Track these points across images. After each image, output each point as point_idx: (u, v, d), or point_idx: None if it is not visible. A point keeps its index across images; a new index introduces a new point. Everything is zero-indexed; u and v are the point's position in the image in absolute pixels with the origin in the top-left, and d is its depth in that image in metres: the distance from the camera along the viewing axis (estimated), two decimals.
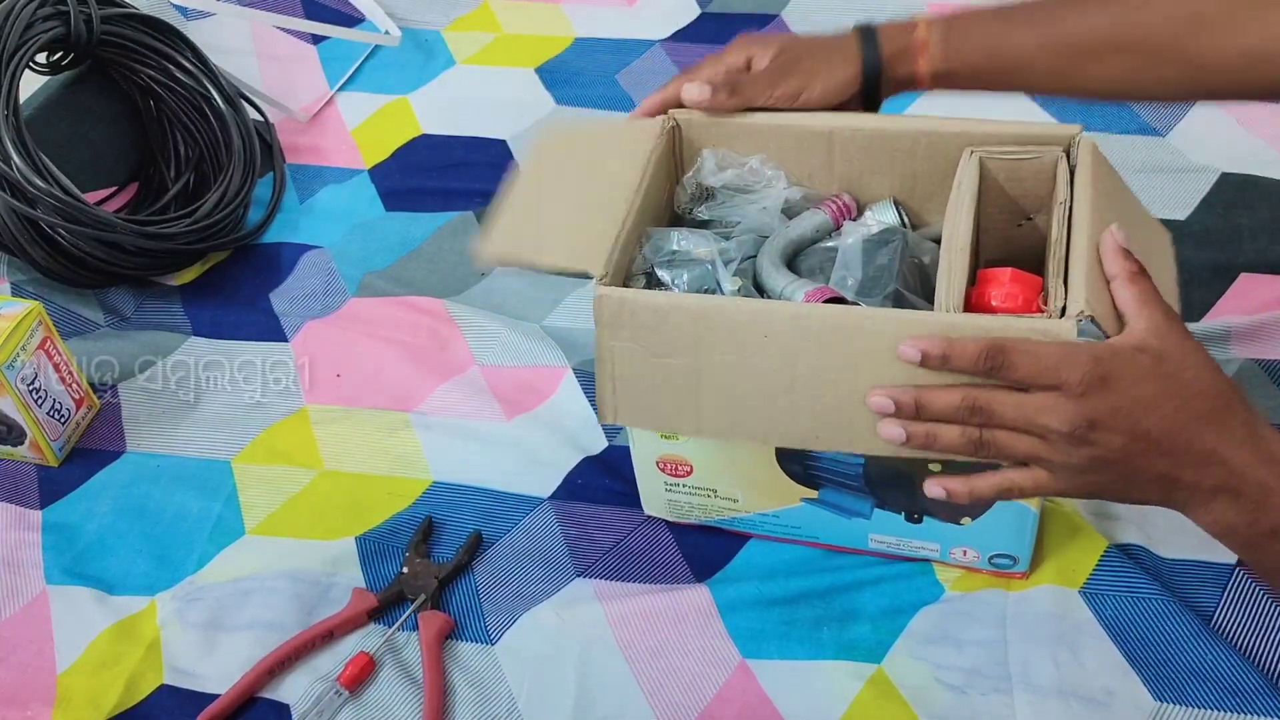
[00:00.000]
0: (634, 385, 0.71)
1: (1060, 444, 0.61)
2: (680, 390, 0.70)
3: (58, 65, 1.10)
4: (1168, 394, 0.61)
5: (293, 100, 1.30)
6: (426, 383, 0.97)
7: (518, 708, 0.75)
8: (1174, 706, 0.70)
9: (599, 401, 0.72)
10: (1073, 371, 0.60)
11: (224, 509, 0.90)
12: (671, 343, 0.69)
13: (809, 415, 0.68)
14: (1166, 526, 0.79)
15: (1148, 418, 0.60)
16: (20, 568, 0.87)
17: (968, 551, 0.77)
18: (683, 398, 0.70)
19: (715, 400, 0.69)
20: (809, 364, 0.67)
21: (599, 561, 0.83)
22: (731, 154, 0.83)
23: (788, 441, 0.69)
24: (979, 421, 0.63)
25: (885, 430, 0.65)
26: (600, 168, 0.79)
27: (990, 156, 0.77)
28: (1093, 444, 0.61)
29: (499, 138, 1.23)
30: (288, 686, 0.78)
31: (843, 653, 0.76)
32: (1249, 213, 1.02)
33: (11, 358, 0.87)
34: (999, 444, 0.63)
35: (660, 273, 0.76)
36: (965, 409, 0.63)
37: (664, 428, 0.72)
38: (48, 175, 0.98)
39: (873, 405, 0.65)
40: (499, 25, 1.40)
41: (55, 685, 0.79)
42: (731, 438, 0.71)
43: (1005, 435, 0.63)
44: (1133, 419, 0.60)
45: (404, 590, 0.82)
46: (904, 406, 0.64)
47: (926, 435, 0.65)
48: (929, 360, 0.63)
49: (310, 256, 1.11)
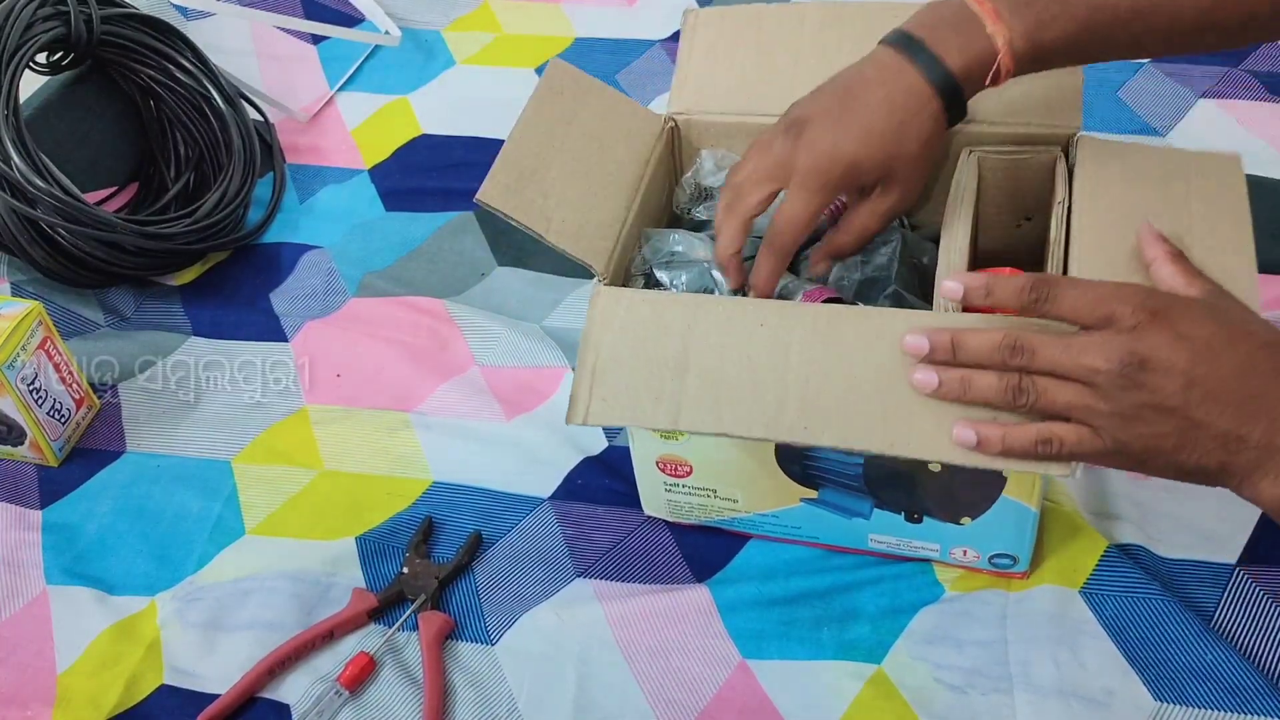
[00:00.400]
0: (614, 377, 0.70)
1: (1109, 388, 0.56)
2: (663, 381, 0.69)
3: (58, 65, 1.10)
4: (1231, 340, 0.55)
5: (293, 100, 1.30)
6: (426, 383, 0.97)
7: (518, 708, 0.75)
8: (1174, 706, 0.70)
9: (572, 399, 0.70)
10: (1124, 305, 0.55)
11: (224, 509, 0.90)
12: (663, 330, 0.69)
13: (798, 406, 0.66)
14: (1167, 526, 0.79)
15: (1209, 362, 0.54)
16: (20, 568, 0.87)
17: (968, 551, 0.77)
18: (664, 389, 0.68)
19: (699, 391, 0.68)
20: (802, 355, 0.66)
21: (599, 561, 0.83)
22: (730, 154, 0.83)
23: (773, 434, 0.66)
24: (1019, 364, 0.58)
25: (919, 376, 0.61)
26: (608, 154, 0.78)
27: (989, 156, 0.77)
28: (1144, 386, 0.55)
29: (499, 138, 1.21)
30: (288, 686, 0.78)
31: (843, 653, 0.76)
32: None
33: (11, 358, 0.88)
34: (1040, 390, 0.58)
35: (659, 273, 0.77)
36: (1006, 348, 0.58)
37: (639, 422, 0.69)
38: (48, 175, 0.99)
39: (907, 346, 0.61)
40: (499, 25, 1.40)
41: (55, 685, 0.79)
42: (713, 430, 0.68)
43: (1047, 382, 0.58)
44: (1192, 360, 0.54)
45: (404, 590, 0.82)
46: (939, 347, 0.60)
47: (961, 381, 0.60)
48: (972, 294, 0.59)
49: (310, 256, 1.11)
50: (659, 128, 0.82)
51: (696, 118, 0.82)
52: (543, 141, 0.75)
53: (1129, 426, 0.57)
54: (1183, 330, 0.55)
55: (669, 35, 1.34)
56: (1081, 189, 0.71)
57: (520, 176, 0.73)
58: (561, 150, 0.75)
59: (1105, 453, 0.59)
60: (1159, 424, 0.56)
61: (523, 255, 1.08)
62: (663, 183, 0.84)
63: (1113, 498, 0.81)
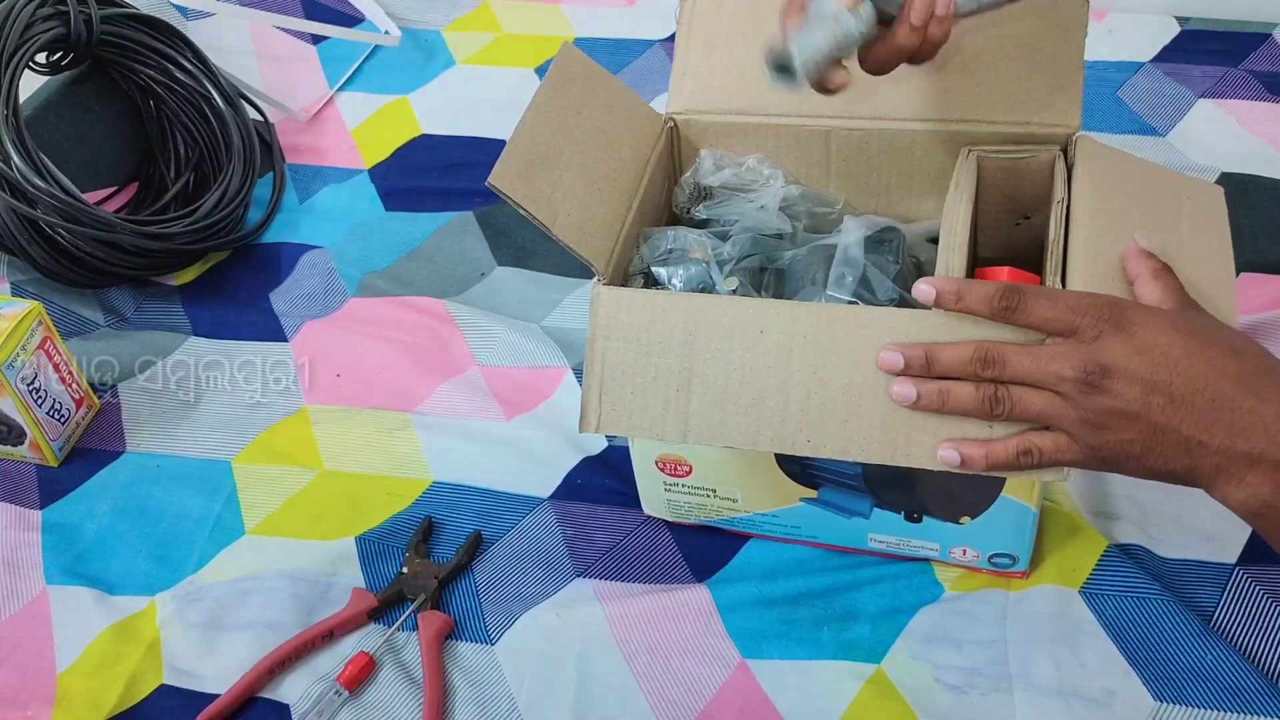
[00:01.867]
0: (622, 387, 0.70)
1: (1075, 395, 0.58)
2: (669, 392, 0.69)
3: (58, 65, 1.10)
4: (1193, 348, 0.57)
5: (293, 100, 1.30)
6: (426, 383, 0.97)
7: (518, 708, 0.75)
8: (1174, 706, 0.70)
9: (583, 408, 0.70)
10: (1087, 314, 0.58)
11: (224, 509, 0.90)
12: (665, 340, 0.69)
13: (800, 417, 0.67)
14: (1167, 526, 0.79)
15: (1168, 369, 0.57)
16: (20, 568, 0.87)
17: (967, 551, 0.77)
18: (671, 401, 0.69)
19: (705, 403, 0.68)
20: (803, 361, 0.67)
21: (599, 561, 0.83)
22: (729, 153, 0.83)
23: (777, 446, 0.67)
24: (992, 375, 0.60)
25: (897, 390, 0.63)
26: (613, 150, 0.77)
27: (988, 155, 0.77)
28: (1108, 393, 0.57)
29: (499, 138, 1.23)
30: (288, 686, 0.78)
31: (842, 653, 0.76)
32: (1249, 212, 1.02)
33: (11, 358, 0.88)
34: (1014, 400, 0.60)
35: (657, 271, 0.77)
36: (978, 360, 0.60)
37: (650, 434, 0.70)
38: (48, 175, 0.99)
39: (882, 362, 0.63)
40: (499, 25, 1.40)
41: (55, 685, 0.79)
42: (719, 443, 0.69)
43: (1021, 391, 0.60)
44: (1151, 367, 0.57)
45: (404, 590, 0.82)
46: (913, 361, 0.62)
47: (939, 393, 0.62)
48: (943, 297, 0.61)
49: (310, 256, 1.11)
50: (660, 126, 0.82)
51: (696, 117, 0.82)
52: (554, 129, 0.74)
53: (1098, 433, 0.59)
54: (1144, 339, 0.57)
55: (669, 35, 1.34)
56: (1080, 189, 0.71)
57: (531, 163, 0.72)
58: (570, 141, 0.75)
59: (1082, 458, 0.61)
60: (1124, 430, 0.58)
61: (522, 255, 1.08)
62: (662, 183, 0.84)
63: (1113, 498, 0.81)
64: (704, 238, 0.78)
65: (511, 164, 0.71)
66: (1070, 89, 0.76)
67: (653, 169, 0.80)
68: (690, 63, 0.85)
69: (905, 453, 0.65)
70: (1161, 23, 1.25)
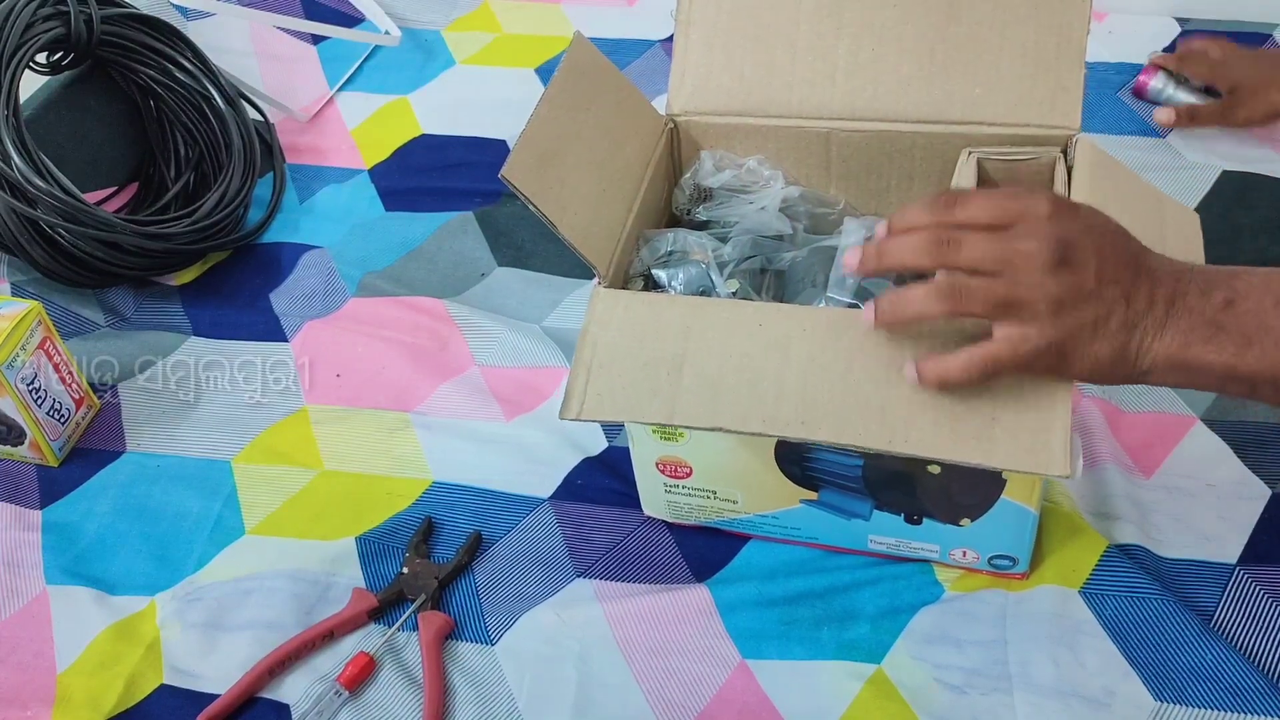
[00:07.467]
0: (610, 374, 0.70)
1: (1037, 273, 0.59)
2: (659, 378, 0.69)
3: (58, 65, 1.10)
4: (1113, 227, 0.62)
5: (293, 100, 1.30)
6: (426, 383, 0.97)
7: (518, 708, 0.75)
8: (1174, 706, 0.70)
9: (567, 394, 0.70)
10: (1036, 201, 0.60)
11: (224, 509, 0.90)
12: (661, 332, 0.69)
13: (795, 402, 0.66)
14: (1167, 527, 0.79)
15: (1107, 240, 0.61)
16: (20, 568, 0.87)
17: (967, 552, 0.77)
18: (660, 385, 0.69)
19: (695, 387, 0.68)
20: (800, 352, 0.66)
21: (599, 562, 0.83)
22: (729, 155, 0.83)
23: (770, 429, 0.66)
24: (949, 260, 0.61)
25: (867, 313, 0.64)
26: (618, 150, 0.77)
27: (988, 157, 0.77)
28: (1070, 265, 0.59)
29: (499, 138, 1.23)
30: (288, 686, 0.78)
31: (842, 653, 0.76)
32: (1249, 212, 1.02)
33: (11, 358, 0.88)
34: (971, 291, 0.61)
35: (657, 273, 0.77)
36: (931, 242, 0.61)
37: (634, 417, 0.69)
38: (48, 175, 0.99)
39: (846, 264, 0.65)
40: (499, 25, 1.40)
41: (55, 685, 0.79)
42: (708, 425, 0.68)
43: (980, 281, 0.61)
44: (1098, 238, 0.60)
45: (404, 590, 0.82)
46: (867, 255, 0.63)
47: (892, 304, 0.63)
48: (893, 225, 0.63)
49: (310, 256, 1.11)
50: (661, 127, 0.82)
51: (696, 118, 0.82)
52: (564, 124, 0.74)
53: (1057, 315, 0.60)
54: (1084, 216, 0.61)
55: (669, 35, 1.34)
56: (1079, 194, 0.71)
57: (541, 158, 0.72)
58: (578, 138, 0.75)
59: (1037, 351, 0.61)
60: (1083, 308, 0.60)
61: (522, 255, 1.08)
62: (662, 184, 0.84)
63: (1113, 498, 0.81)
64: (704, 239, 0.78)
65: (524, 157, 0.71)
66: (1070, 90, 0.76)
67: (653, 170, 0.80)
68: (689, 63, 0.85)
69: (904, 438, 0.64)
70: (1161, 23, 1.25)
